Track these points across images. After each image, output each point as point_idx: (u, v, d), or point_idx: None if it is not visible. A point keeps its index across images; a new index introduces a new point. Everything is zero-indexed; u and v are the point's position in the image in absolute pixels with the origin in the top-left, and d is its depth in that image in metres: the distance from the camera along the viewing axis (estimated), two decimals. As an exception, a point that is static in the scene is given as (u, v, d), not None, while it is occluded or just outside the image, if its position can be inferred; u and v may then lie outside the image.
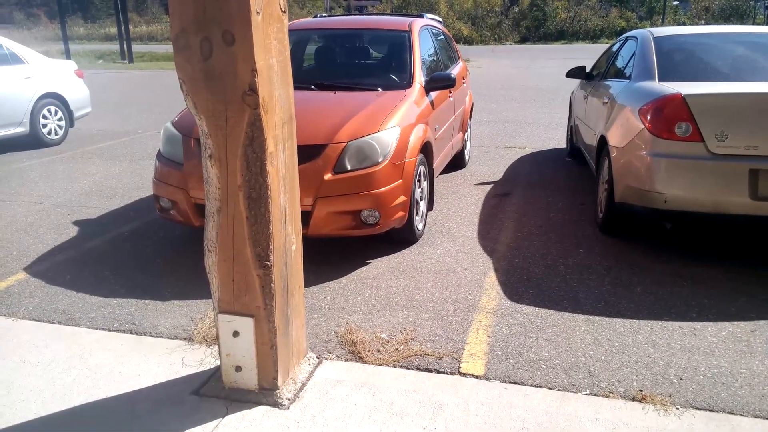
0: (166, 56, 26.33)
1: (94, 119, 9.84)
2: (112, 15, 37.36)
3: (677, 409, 2.45)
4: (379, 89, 4.61)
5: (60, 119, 8.33)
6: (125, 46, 25.42)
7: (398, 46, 5.22)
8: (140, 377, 2.70)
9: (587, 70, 6.43)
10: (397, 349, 2.94)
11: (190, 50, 2.12)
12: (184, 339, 3.05)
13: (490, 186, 5.88)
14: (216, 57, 2.11)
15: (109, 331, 3.16)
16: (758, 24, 33.18)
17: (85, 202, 5.52)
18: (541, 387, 2.62)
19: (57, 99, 8.29)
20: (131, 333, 3.14)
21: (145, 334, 3.12)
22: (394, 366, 2.80)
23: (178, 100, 11.49)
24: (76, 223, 4.93)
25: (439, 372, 2.75)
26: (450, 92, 5.49)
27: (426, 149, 4.44)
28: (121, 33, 25.83)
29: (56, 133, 8.25)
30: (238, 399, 2.49)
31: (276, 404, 2.46)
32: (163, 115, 10.63)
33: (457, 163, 6.42)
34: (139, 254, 4.24)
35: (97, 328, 3.18)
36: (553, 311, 3.32)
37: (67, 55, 20.77)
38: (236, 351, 2.45)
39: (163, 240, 4.53)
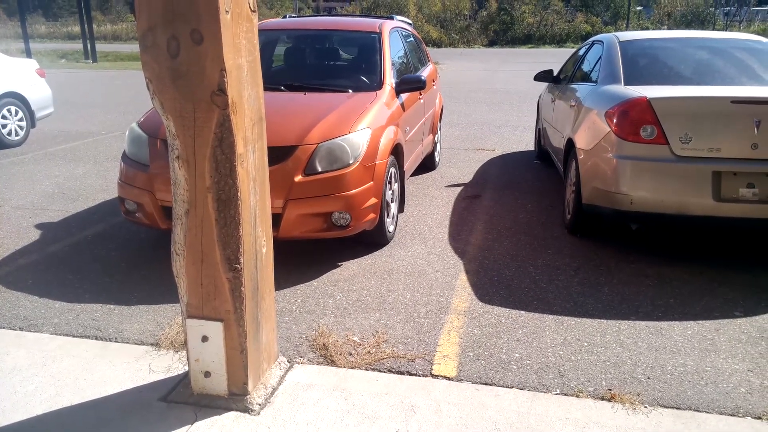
0: (131, 56, 25.85)
1: (57, 120, 9.60)
2: (75, 13, 36.59)
3: (645, 407, 2.49)
4: (350, 91, 4.60)
5: (21, 119, 8.10)
6: (89, 46, 24.86)
7: (368, 47, 5.21)
8: (106, 384, 2.63)
9: (555, 74, 6.52)
10: (369, 352, 2.92)
11: (157, 48, 2.08)
12: (151, 345, 2.99)
13: (460, 188, 5.91)
14: (184, 56, 2.07)
15: (73, 337, 3.07)
16: (717, 29, 34.15)
17: (48, 204, 5.37)
18: (512, 387, 2.64)
19: (17, 99, 8.06)
20: (96, 339, 3.06)
21: (110, 340, 3.04)
22: (366, 369, 2.78)
23: (143, 101, 11.30)
24: (39, 226, 4.79)
25: (411, 374, 2.75)
26: (420, 94, 5.50)
27: (397, 151, 4.44)
28: (84, 32, 25.28)
29: (17, 134, 8.02)
30: (208, 405, 2.44)
31: (246, 410, 2.42)
32: (128, 116, 10.42)
33: (427, 165, 6.44)
34: (104, 258, 4.14)
35: (60, 334, 3.10)
36: (523, 312, 3.35)
37: (28, 53, 20.26)
38: (205, 356, 2.41)
39: (128, 243, 4.43)
